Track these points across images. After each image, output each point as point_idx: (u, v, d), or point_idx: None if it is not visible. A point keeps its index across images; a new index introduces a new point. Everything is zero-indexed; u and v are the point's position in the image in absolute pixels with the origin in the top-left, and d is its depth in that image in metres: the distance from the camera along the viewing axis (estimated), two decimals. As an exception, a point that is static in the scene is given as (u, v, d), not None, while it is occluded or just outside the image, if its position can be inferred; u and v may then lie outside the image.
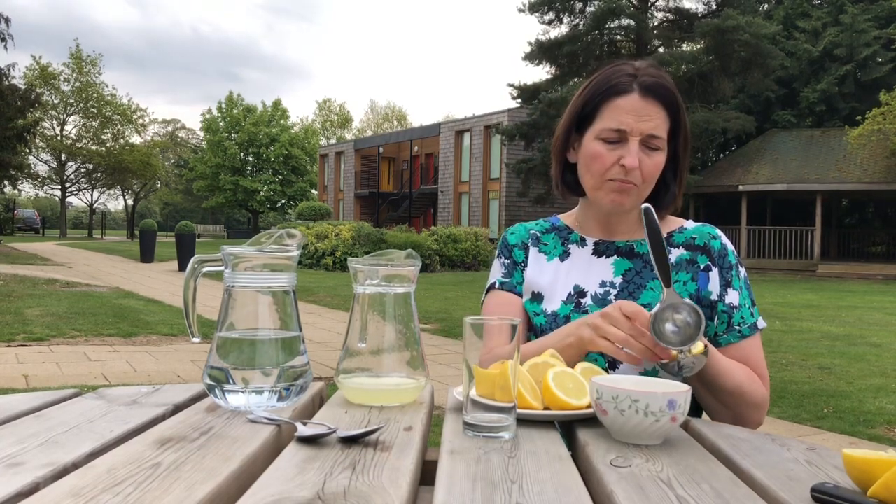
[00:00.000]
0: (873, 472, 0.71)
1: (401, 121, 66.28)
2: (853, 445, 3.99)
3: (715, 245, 1.37)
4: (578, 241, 1.44)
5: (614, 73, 1.33)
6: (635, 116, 1.28)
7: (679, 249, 1.37)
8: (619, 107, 1.29)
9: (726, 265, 1.36)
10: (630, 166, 1.27)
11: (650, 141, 1.29)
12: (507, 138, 23.93)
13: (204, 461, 0.78)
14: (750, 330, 1.33)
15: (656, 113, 1.29)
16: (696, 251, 1.37)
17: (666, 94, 1.30)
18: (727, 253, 1.37)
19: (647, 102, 1.29)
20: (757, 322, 1.35)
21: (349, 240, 17.65)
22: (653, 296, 1.32)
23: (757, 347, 1.34)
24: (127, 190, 54.00)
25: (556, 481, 0.77)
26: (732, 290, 1.35)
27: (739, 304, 1.34)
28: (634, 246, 1.39)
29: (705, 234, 1.38)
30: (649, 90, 1.29)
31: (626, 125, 1.28)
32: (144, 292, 11.43)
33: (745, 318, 1.34)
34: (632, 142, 1.28)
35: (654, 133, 1.29)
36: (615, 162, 1.29)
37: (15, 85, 25.89)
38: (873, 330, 8.96)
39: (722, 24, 20.56)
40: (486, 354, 0.98)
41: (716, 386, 1.22)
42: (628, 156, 1.27)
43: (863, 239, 26.75)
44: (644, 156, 1.29)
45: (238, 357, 1.02)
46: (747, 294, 1.36)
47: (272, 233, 1.05)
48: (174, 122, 65.27)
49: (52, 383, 5.01)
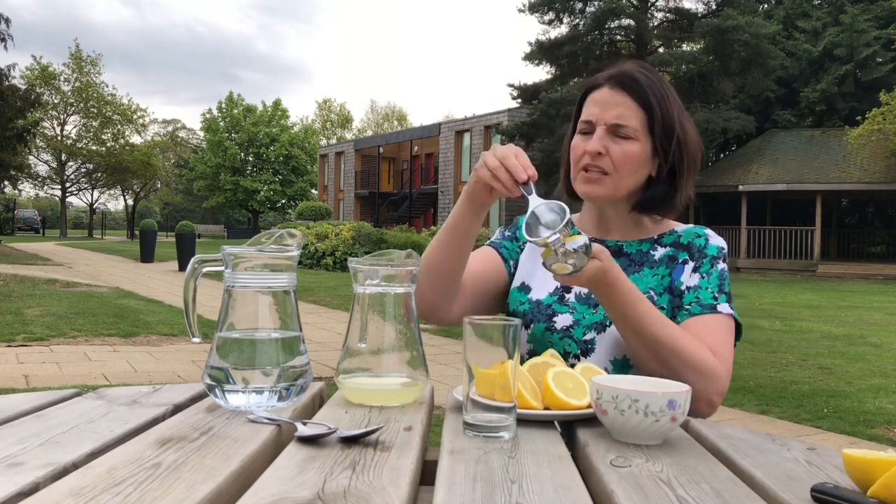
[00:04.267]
0: (873, 472, 0.71)
1: (401, 121, 66.28)
2: (853, 445, 3.99)
3: (698, 242, 1.38)
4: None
5: (594, 76, 1.41)
6: (601, 107, 1.34)
7: (665, 248, 1.41)
8: (591, 100, 1.37)
9: (702, 255, 1.36)
10: (590, 150, 1.33)
11: (617, 130, 1.33)
12: (508, 138, 23.92)
13: (204, 461, 0.78)
14: (701, 309, 1.30)
15: (623, 103, 1.33)
16: (680, 249, 1.39)
17: (635, 87, 1.33)
18: (708, 247, 1.37)
19: (614, 94, 1.34)
20: (717, 305, 1.30)
21: (349, 240, 17.66)
22: None
23: (712, 328, 1.28)
24: (127, 190, 54.00)
25: (555, 481, 0.77)
26: (695, 274, 1.35)
27: (697, 286, 1.33)
28: (624, 246, 1.42)
29: (691, 234, 1.41)
30: (618, 83, 1.35)
31: (592, 115, 1.35)
32: (145, 292, 11.43)
33: (700, 297, 1.31)
34: (597, 130, 1.34)
35: (619, 122, 1.32)
36: (585, 151, 1.35)
37: (15, 85, 25.92)
38: (873, 330, 8.96)
39: (722, 24, 20.56)
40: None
41: (639, 329, 1.19)
42: (591, 142, 1.33)
43: (863, 239, 26.74)
44: (612, 144, 1.33)
45: (238, 357, 1.02)
46: (715, 282, 1.33)
47: (272, 233, 1.05)
48: (174, 123, 65.40)
49: (52, 383, 5.01)
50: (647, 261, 1.39)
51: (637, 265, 1.39)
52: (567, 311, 1.37)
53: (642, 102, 1.33)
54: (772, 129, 25.89)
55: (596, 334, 1.33)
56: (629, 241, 1.43)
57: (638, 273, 1.38)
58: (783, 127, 26.35)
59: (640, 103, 1.33)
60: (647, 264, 1.39)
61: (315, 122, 64.21)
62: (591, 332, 1.33)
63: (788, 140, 24.45)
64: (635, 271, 1.38)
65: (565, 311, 1.37)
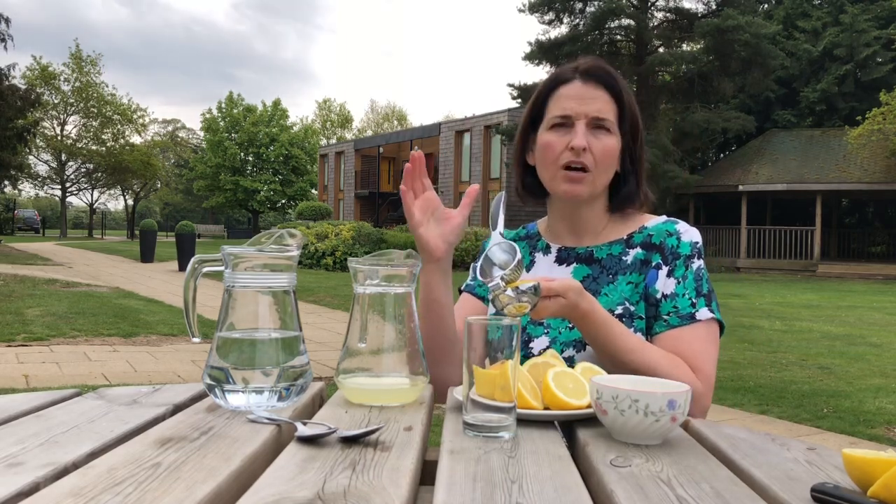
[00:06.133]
0: (873, 472, 0.71)
1: (401, 121, 66.24)
2: (853, 445, 3.99)
3: (670, 242, 1.34)
4: (544, 249, 1.46)
5: (558, 71, 1.38)
6: (579, 101, 1.32)
7: (636, 249, 1.36)
8: (563, 95, 1.34)
9: (675, 256, 1.32)
10: (577, 146, 1.30)
11: (598, 123, 1.31)
12: (507, 138, 23.91)
13: (204, 461, 0.78)
14: (681, 320, 1.27)
15: (599, 96, 1.32)
16: (652, 250, 1.35)
17: (607, 78, 1.33)
18: (681, 245, 1.33)
19: (588, 87, 1.32)
20: (696, 313, 1.27)
21: (349, 240, 17.65)
22: (606, 300, 1.32)
23: (693, 339, 1.26)
24: (127, 190, 54.00)
25: (556, 481, 0.77)
26: (670, 280, 1.31)
27: (674, 294, 1.29)
28: (594, 251, 1.39)
29: (662, 232, 1.35)
30: (589, 75, 1.33)
31: (570, 110, 1.32)
32: (144, 292, 11.43)
33: (678, 307, 1.28)
34: (578, 125, 1.31)
35: (600, 115, 1.31)
36: (565, 147, 1.32)
37: (15, 85, 25.93)
38: (873, 330, 8.96)
39: (722, 24, 20.56)
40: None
41: (618, 358, 1.19)
42: (575, 137, 1.30)
43: (863, 239, 26.74)
44: (593, 138, 1.31)
45: (238, 357, 1.02)
46: (692, 286, 1.30)
47: (272, 233, 1.05)
48: (174, 122, 65.37)
49: (52, 383, 5.01)
50: (620, 266, 1.35)
51: (610, 273, 1.35)
52: (542, 333, 1.35)
53: (615, 95, 1.33)
54: (772, 129, 25.89)
55: (575, 352, 1.30)
56: (599, 245, 1.39)
57: (612, 283, 1.34)
58: (783, 127, 26.35)
59: (614, 96, 1.33)
60: (619, 271, 1.35)
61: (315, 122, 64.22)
62: (569, 349, 1.31)
63: (788, 140, 24.45)
64: (609, 281, 1.35)
65: (540, 334, 1.35)
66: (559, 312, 1.14)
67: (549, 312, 1.13)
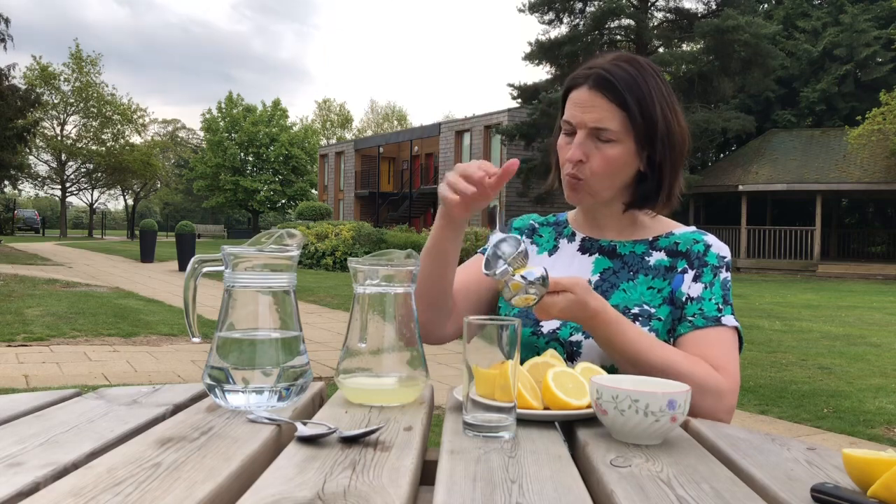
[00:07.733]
0: (873, 472, 0.71)
1: (401, 121, 66.27)
2: (853, 445, 3.99)
3: (696, 248, 1.34)
4: (569, 236, 1.46)
5: (577, 72, 1.35)
6: (581, 109, 1.30)
7: (660, 253, 1.36)
8: (572, 100, 1.32)
9: (702, 264, 1.33)
10: (569, 158, 1.30)
11: (598, 133, 1.29)
12: (508, 138, 23.93)
13: (204, 461, 0.78)
14: (705, 321, 1.27)
15: (602, 105, 1.28)
16: (677, 257, 1.35)
17: (610, 88, 1.28)
18: (708, 254, 1.34)
19: (593, 95, 1.29)
20: (721, 318, 1.27)
21: (349, 240, 17.65)
22: (622, 296, 1.32)
23: (717, 340, 1.25)
24: (127, 190, 54.02)
25: (556, 481, 0.77)
26: (697, 284, 1.31)
27: (700, 297, 1.29)
28: (617, 246, 1.39)
29: (689, 240, 1.36)
30: (597, 83, 1.29)
31: (573, 117, 1.31)
32: (144, 292, 11.43)
33: (703, 310, 1.28)
34: (578, 134, 1.30)
35: (599, 125, 1.28)
36: (566, 158, 1.32)
37: (15, 85, 25.93)
38: (873, 330, 8.96)
39: (722, 24, 20.58)
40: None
41: (633, 358, 1.17)
42: (571, 149, 1.30)
43: (862, 239, 26.75)
44: (594, 149, 1.30)
45: (238, 357, 1.02)
46: (719, 293, 1.30)
47: (272, 233, 1.05)
48: (174, 122, 65.40)
49: (52, 383, 5.01)
50: (642, 266, 1.35)
51: (631, 270, 1.35)
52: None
53: (619, 103, 1.28)
54: (772, 129, 25.89)
55: (583, 337, 1.30)
56: (623, 241, 1.40)
57: (632, 281, 1.34)
58: (783, 127, 26.35)
59: (618, 104, 1.28)
60: (641, 271, 1.35)
61: (315, 122, 64.22)
62: (577, 334, 1.30)
63: (788, 140, 24.45)
64: (629, 278, 1.34)
65: None
66: (568, 309, 1.13)
67: (558, 309, 1.12)
